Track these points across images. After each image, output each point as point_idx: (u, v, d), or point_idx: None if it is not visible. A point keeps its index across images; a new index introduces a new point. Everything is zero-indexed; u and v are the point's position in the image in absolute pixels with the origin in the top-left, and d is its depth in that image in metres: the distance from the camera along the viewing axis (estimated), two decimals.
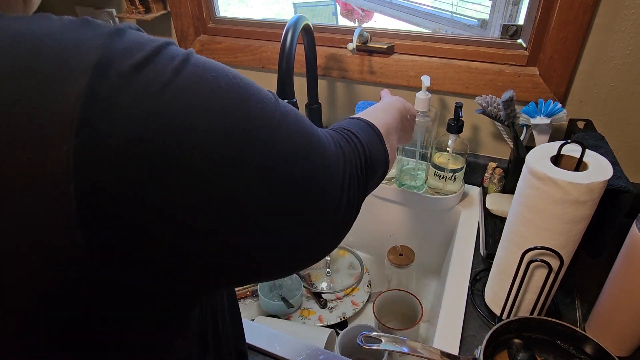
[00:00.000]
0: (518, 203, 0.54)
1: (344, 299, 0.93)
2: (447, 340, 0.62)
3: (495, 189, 0.85)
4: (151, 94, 0.23)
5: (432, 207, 0.89)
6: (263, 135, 0.27)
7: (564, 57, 0.74)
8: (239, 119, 0.26)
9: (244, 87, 0.28)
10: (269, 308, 0.89)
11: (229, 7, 1.40)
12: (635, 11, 0.68)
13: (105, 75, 0.22)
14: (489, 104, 0.76)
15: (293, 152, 0.29)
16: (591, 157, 0.51)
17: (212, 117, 0.25)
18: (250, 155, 0.26)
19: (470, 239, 0.80)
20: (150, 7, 1.03)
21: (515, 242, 0.56)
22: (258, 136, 0.27)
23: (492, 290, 0.64)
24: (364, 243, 1.05)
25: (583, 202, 0.48)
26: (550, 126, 0.73)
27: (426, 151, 0.88)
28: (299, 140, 0.30)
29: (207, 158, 0.24)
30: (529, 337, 0.55)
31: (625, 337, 0.57)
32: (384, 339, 0.55)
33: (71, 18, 0.24)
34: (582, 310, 0.66)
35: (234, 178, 0.25)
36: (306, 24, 0.77)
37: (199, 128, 0.24)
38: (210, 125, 0.24)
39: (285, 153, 0.28)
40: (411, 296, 0.80)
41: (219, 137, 0.25)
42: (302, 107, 0.80)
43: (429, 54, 0.87)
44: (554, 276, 0.55)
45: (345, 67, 0.93)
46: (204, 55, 0.28)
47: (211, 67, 0.27)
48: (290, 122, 0.30)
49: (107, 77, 0.22)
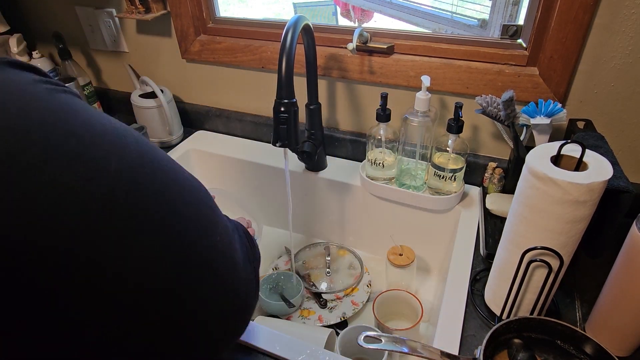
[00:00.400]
0: (518, 203, 0.54)
1: (344, 299, 0.93)
2: (447, 340, 0.62)
3: (495, 189, 0.85)
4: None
5: (432, 207, 0.89)
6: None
7: (564, 57, 0.74)
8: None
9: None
10: (269, 308, 0.89)
11: (229, 7, 1.40)
12: (635, 11, 0.68)
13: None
14: (489, 104, 0.76)
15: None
16: (591, 157, 0.51)
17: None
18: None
19: (470, 239, 0.80)
20: (150, 7, 1.03)
21: (515, 242, 0.56)
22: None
23: (492, 290, 0.64)
24: (364, 243, 1.05)
25: (583, 202, 0.48)
26: (550, 126, 0.73)
27: (426, 151, 0.88)
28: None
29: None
30: (529, 337, 0.55)
31: (625, 337, 0.57)
32: (384, 339, 0.55)
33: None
34: (582, 310, 0.66)
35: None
36: (306, 24, 0.77)
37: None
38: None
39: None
40: (411, 296, 0.80)
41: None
42: (302, 107, 0.80)
43: (429, 54, 0.87)
44: (554, 276, 0.55)
45: (345, 67, 0.93)
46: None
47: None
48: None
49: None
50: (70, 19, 1.18)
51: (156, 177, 0.33)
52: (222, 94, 1.14)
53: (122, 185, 0.29)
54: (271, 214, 1.11)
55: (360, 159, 1.00)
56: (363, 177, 0.93)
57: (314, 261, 1.02)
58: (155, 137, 1.12)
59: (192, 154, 1.14)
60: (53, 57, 1.30)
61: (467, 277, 0.72)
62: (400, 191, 0.90)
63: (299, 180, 1.02)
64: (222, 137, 1.17)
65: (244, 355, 0.63)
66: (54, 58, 1.30)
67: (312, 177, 1.01)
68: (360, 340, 0.55)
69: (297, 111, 0.72)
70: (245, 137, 1.16)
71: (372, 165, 0.90)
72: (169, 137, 1.13)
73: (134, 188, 0.30)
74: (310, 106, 0.92)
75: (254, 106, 1.12)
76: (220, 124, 1.17)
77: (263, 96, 1.09)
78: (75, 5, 1.15)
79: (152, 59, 1.17)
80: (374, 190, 0.93)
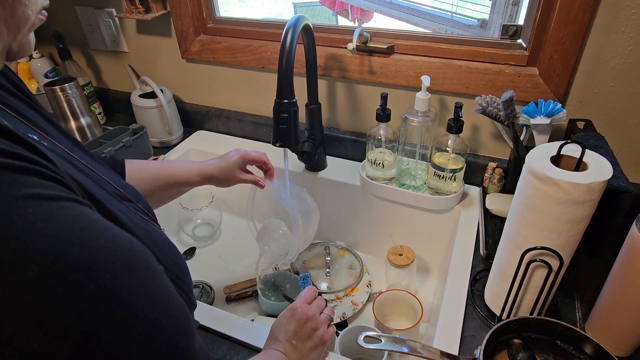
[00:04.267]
0: (518, 203, 0.54)
1: (344, 299, 0.93)
2: (447, 340, 0.62)
3: (495, 189, 0.85)
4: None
5: (432, 207, 0.89)
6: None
7: (564, 57, 0.74)
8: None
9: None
10: (269, 308, 0.89)
11: (229, 7, 1.40)
12: (635, 11, 0.68)
13: None
14: (488, 104, 0.76)
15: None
16: (591, 157, 0.51)
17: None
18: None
19: (470, 239, 0.80)
20: (150, 7, 1.03)
21: (515, 242, 0.56)
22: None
23: (492, 290, 0.64)
24: (364, 243, 1.05)
25: (583, 202, 0.48)
26: (550, 126, 0.73)
27: (426, 151, 0.88)
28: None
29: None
30: (529, 337, 0.55)
31: (625, 337, 0.57)
32: (384, 339, 0.55)
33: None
34: (582, 310, 0.66)
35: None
36: (306, 24, 0.77)
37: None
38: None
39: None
40: (411, 296, 0.80)
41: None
42: (302, 107, 0.80)
43: (428, 54, 0.87)
44: (554, 276, 0.55)
45: (345, 67, 0.93)
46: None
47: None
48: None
49: None
50: (70, 19, 1.18)
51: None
52: (222, 94, 1.14)
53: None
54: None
55: (360, 159, 1.00)
56: (363, 177, 0.93)
57: (314, 261, 1.02)
58: (155, 137, 1.12)
59: (192, 154, 1.14)
60: (53, 57, 1.30)
61: (467, 277, 0.72)
62: (400, 191, 0.90)
63: (299, 180, 1.02)
64: (222, 137, 1.17)
65: (244, 355, 0.63)
66: (54, 58, 1.30)
67: (312, 177, 1.01)
68: (360, 340, 0.55)
69: (297, 111, 0.72)
70: (245, 137, 1.16)
71: (372, 165, 0.90)
72: (168, 137, 1.13)
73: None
74: (310, 106, 0.92)
75: (253, 106, 1.12)
76: (220, 124, 1.17)
77: (263, 96, 1.09)
78: (75, 5, 1.15)
79: (152, 59, 1.17)
80: (374, 190, 0.93)
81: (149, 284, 0.33)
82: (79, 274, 0.27)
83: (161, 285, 0.35)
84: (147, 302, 0.32)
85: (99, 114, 1.24)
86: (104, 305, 0.29)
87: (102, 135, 1.00)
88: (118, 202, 0.41)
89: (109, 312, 0.29)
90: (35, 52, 1.18)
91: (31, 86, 1.22)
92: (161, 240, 0.44)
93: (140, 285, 0.32)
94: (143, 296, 0.32)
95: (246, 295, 0.94)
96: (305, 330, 0.60)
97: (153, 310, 0.32)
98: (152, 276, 0.34)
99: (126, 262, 0.31)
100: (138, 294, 0.31)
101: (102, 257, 0.29)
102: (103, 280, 0.29)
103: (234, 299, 0.93)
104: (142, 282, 0.32)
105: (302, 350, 0.58)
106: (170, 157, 1.09)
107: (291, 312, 0.61)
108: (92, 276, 0.28)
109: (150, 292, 0.33)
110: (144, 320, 0.31)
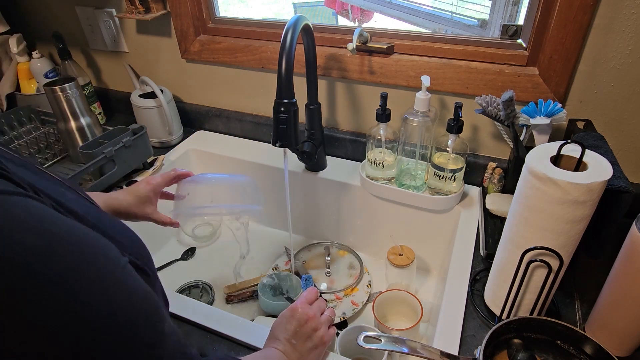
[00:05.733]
0: (518, 203, 0.54)
1: (344, 299, 0.93)
2: (447, 340, 0.62)
3: (495, 189, 0.85)
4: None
5: (432, 207, 0.89)
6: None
7: (564, 57, 0.74)
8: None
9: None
10: (269, 308, 0.89)
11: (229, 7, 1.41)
12: (635, 11, 0.68)
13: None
14: (488, 104, 0.76)
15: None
16: (591, 157, 0.51)
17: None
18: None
19: (470, 239, 0.80)
20: (150, 7, 1.03)
21: (515, 242, 0.56)
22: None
23: (492, 290, 0.64)
24: (364, 243, 1.05)
25: (583, 202, 0.48)
26: (550, 126, 0.73)
27: (426, 151, 0.88)
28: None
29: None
30: (529, 337, 0.55)
31: (625, 337, 0.57)
32: (384, 339, 0.55)
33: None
34: (582, 310, 0.66)
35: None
36: (306, 24, 0.77)
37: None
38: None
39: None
40: (411, 296, 0.80)
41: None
42: (302, 107, 0.80)
43: (428, 54, 0.87)
44: (554, 276, 0.55)
45: (345, 67, 0.93)
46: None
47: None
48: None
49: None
50: (70, 19, 1.18)
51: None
52: (221, 94, 1.14)
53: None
54: (271, 214, 1.11)
55: (360, 159, 1.00)
56: (363, 177, 0.93)
57: (314, 261, 1.02)
58: (155, 137, 1.12)
59: (192, 154, 1.14)
60: (53, 57, 1.30)
61: (467, 277, 0.72)
62: (400, 191, 0.90)
63: (299, 180, 1.02)
64: (221, 137, 1.17)
65: (244, 355, 0.63)
66: (53, 58, 1.30)
67: (312, 177, 1.01)
68: (360, 340, 0.55)
69: (297, 111, 0.72)
70: (245, 137, 1.16)
71: (372, 165, 0.90)
72: (168, 137, 1.13)
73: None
74: (310, 106, 0.92)
75: (253, 106, 1.12)
76: (220, 124, 1.17)
77: (263, 96, 1.09)
78: (75, 5, 1.15)
79: (152, 59, 1.17)
80: (374, 190, 0.93)
81: (106, 275, 0.32)
82: (31, 261, 0.27)
83: (123, 276, 0.34)
84: (104, 295, 0.31)
85: (99, 114, 1.24)
86: (53, 296, 0.28)
87: (102, 135, 1.00)
88: (76, 197, 0.41)
89: (59, 302, 0.28)
90: (35, 52, 1.18)
91: (31, 86, 1.22)
92: (121, 229, 0.43)
93: (96, 277, 0.31)
94: (100, 288, 0.31)
95: (246, 295, 0.94)
96: (306, 330, 0.60)
97: (110, 303, 0.31)
98: (111, 266, 0.33)
99: (82, 252, 0.31)
100: (94, 286, 0.31)
101: (53, 247, 0.29)
102: (55, 269, 0.28)
103: (234, 299, 0.94)
104: (99, 273, 0.31)
105: (302, 350, 0.58)
106: (170, 157, 1.09)
107: (292, 311, 0.61)
108: (44, 264, 0.28)
109: (107, 284, 0.32)
110: (98, 312, 0.30)
